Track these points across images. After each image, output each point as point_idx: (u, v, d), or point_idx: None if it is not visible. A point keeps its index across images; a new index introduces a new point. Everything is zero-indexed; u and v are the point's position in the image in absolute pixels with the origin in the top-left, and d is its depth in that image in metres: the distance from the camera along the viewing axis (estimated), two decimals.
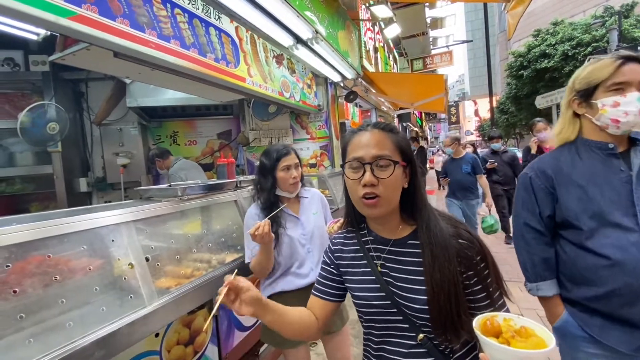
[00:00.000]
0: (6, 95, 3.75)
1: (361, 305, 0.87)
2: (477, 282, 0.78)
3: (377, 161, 0.78)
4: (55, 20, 1.34)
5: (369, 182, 0.77)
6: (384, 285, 0.83)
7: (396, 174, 0.79)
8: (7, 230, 0.95)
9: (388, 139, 0.81)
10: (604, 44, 13.24)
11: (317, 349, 2.49)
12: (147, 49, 1.76)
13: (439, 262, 0.76)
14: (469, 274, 0.78)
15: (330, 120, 4.40)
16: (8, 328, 0.89)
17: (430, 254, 0.77)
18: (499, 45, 49.12)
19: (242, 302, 0.77)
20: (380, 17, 4.80)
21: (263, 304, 0.81)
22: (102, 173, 4.37)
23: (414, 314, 0.78)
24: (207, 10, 2.28)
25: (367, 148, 0.80)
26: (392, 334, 0.83)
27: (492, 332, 0.63)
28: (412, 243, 0.83)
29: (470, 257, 0.78)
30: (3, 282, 0.91)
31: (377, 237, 0.88)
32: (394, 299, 0.81)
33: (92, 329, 1.02)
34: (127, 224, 1.30)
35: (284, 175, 1.56)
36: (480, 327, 0.64)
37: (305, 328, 0.90)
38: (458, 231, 0.81)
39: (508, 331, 0.62)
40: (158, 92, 4.09)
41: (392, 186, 0.79)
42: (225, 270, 1.67)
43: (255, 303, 0.78)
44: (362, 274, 0.88)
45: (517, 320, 0.65)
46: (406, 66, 12.63)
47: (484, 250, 0.81)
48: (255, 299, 0.78)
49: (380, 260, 0.85)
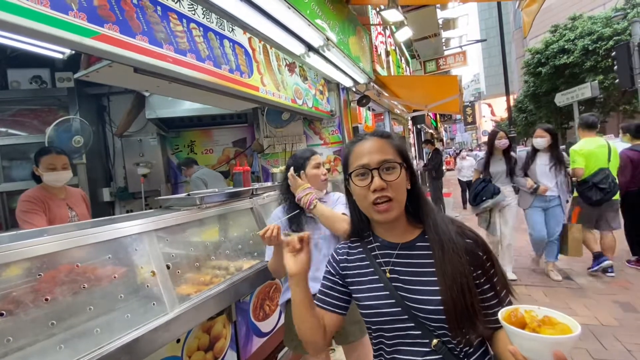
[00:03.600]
0: (35, 111, 3.96)
1: (370, 315, 0.85)
2: (486, 281, 0.79)
3: (383, 165, 0.81)
4: (80, 41, 1.41)
5: (379, 186, 0.79)
6: (393, 291, 0.82)
7: (402, 175, 0.81)
8: (39, 241, 1.01)
9: (388, 144, 0.84)
10: (627, 37, 12.74)
11: (334, 355, 2.48)
12: (165, 64, 1.83)
13: (449, 255, 0.76)
14: (478, 272, 0.79)
15: (343, 125, 4.41)
16: (41, 334, 0.94)
17: (441, 249, 0.78)
18: (515, 43, 48.02)
19: (298, 259, 0.87)
20: (391, 22, 4.80)
21: (305, 276, 0.88)
22: (124, 183, 4.52)
23: (428, 316, 0.77)
24: (221, 24, 2.35)
25: (370, 155, 0.82)
26: (404, 342, 0.82)
27: (518, 324, 0.63)
28: (420, 245, 0.83)
29: (477, 256, 0.79)
30: (36, 291, 0.97)
31: (384, 243, 0.88)
32: (405, 304, 0.80)
33: (118, 335, 1.06)
34: (149, 233, 1.35)
35: (316, 172, 1.61)
36: (505, 320, 0.65)
37: (318, 329, 0.90)
38: (463, 230, 0.83)
39: (533, 321, 0.63)
40: (175, 104, 4.22)
41: (400, 188, 0.81)
42: (243, 276, 1.69)
43: (303, 267, 0.87)
44: (369, 282, 0.87)
45: (537, 310, 0.66)
46: (419, 68, 12.52)
47: (488, 249, 0.82)
48: (306, 266, 0.87)
49: (389, 266, 0.85)
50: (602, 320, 2.70)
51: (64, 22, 1.34)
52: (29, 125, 3.91)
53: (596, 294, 3.16)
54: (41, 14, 1.26)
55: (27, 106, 3.92)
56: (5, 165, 3.76)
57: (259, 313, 2.09)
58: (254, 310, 2.04)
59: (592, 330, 2.56)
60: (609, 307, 2.89)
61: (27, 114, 3.92)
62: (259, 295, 2.10)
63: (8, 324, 0.89)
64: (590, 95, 8.13)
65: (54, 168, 2.19)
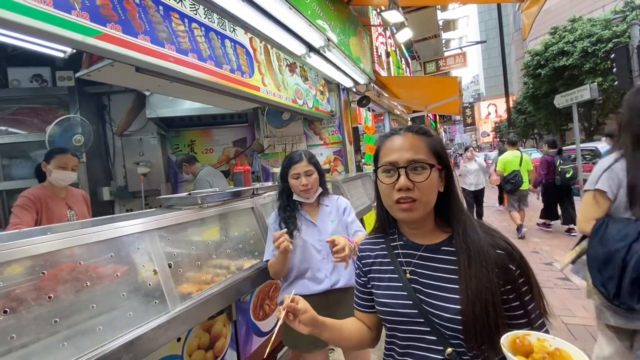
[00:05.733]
0: (35, 109, 3.95)
1: (385, 313, 0.84)
2: (516, 298, 0.73)
3: (411, 165, 0.76)
4: (83, 40, 1.42)
5: (404, 186, 0.75)
6: (412, 292, 0.79)
7: (432, 177, 0.76)
8: (42, 239, 1.01)
9: (422, 142, 0.79)
10: (626, 40, 12.79)
11: (334, 354, 2.49)
12: (166, 63, 1.83)
13: (476, 269, 0.71)
14: (507, 287, 0.72)
15: (343, 126, 4.42)
16: (44, 331, 0.94)
17: (467, 260, 0.73)
18: (514, 45, 48.13)
19: (301, 322, 0.82)
20: (391, 23, 4.81)
21: (320, 323, 0.85)
22: (124, 182, 4.53)
23: (444, 324, 0.74)
24: (223, 23, 2.36)
25: (400, 152, 0.78)
26: (417, 345, 0.79)
27: (522, 351, 0.59)
28: (446, 250, 0.79)
29: (509, 270, 0.73)
30: (39, 288, 0.97)
31: (408, 242, 0.85)
32: (422, 307, 0.77)
33: (120, 333, 1.07)
34: (151, 232, 1.35)
35: (294, 183, 1.63)
36: (510, 345, 0.60)
37: (361, 339, 0.91)
38: (496, 241, 0.76)
39: (539, 352, 0.58)
40: (176, 103, 4.23)
41: (428, 190, 0.76)
42: (244, 275, 1.70)
43: (312, 323, 0.83)
44: (388, 280, 0.85)
45: (552, 341, 0.60)
46: (419, 69, 12.55)
47: (524, 263, 0.75)
48: (312, 320, 0.83)
49: (410, 267, 0.82)
50: None
51: (66, 21, 1.35)
52: (29, 124, 3.91)
53: None
54: (44, 12, 1.27)
55: (28, 105, 3.92)
56: (5, 164, 3.76)
57: (259, 312, 2.09)
58: (254, 310, 2.05)
59: (590, 331, 2.58)
60: None
61: (28, 113, 3.92)
62: (259, 294, 2.11)
63: (12, 322, 0.90)
64: (590, 97, 8.15)
65: (65, 167, 2.23)
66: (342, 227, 1.70)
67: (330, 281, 1.60)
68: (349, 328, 0.91)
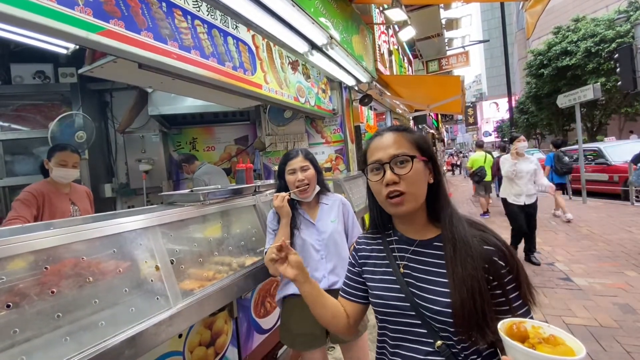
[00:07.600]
0: (37, 106, 3.96)
1: (378, 305, 0.87)
2: (502, 295, 0.75)
3: (394, 159, 0.80)
4: (86, 36, 1.42)
5: (390, 180, 0.79)
6: (404, 286, 0.82)
7: (416, 168, 0.80)
8: (45, 234, 1.02)
9: (403, 138, 0.84)
10: (630, 40, 12.72)
11: (334, 353, 2.49)
12: (169, 60, 1.83)
13: (461, 257, 0.75)
14: (494, 284, 0.75)
15: (345, 124, 4.41)
16: (47, 326, 0.95)
17: (453, 248, 0.77)
18: (517, 44, 47.91)
19: (289, 263, 0.91)
20: (394, 21, 4.79)
21: (305, 272, 0.92)
22: (126, 179, 4.53)
23: (434, 316, 0.77)
24: (225, 21, 2.35)
25: (384, 150, 0.83)
26: (407, 338, 0.82)
27: (518, 337, 0.61)
28: (437, 245, 0.82)
29: (496, 265, 0.76)
30: (42, 283, 0.97)
31: (402, 238, 0.88)
32: (414, 300, 0.80)
33: (122, 328, 1.07)
34: (153, 228, 1.35)
35: (290, 179, 1.63)
36: (506, 330, 0.63)
37: (336, 316, 0.93)
38: (485, 236, 0.80)
39: (535, 337, 0.61)
40: (178, 101, 4.23)
41: (415, 181, 0.80)
42: (245, 272, 1.70)
43: (299, 267, 0.91)
44: (382, 274, 0.88)
45: (546, 328, 0.63)
46: (421, 68, 12.51)
47: (514, 260, 0.77)
48: (300, 264, 0.91)
49: (404, 261, 0.85)
50: (601, 321, 2.71)
51: (70, 17, 1.35)
52: (32, 120, 3.92)
53: (595, 296, 3.17)
54: (48, 8, 1.27)
55: (30, 101, 3.93)
56: (7, 160, 3.77)
57: (260, 310, 2.10)
58: (255, 307, 2.05)
59: (591, 331, 2.58)
60: (608, 309, 2.90)
61: (30, 109, 3.93)
62: (260, 292, 2.11)
63: (14, 316, 0.90)
64: (593, 97, 8.11)
65: (65, 164, 2.23)
66: (342, 228, 1.70)
67: (328, 281, 1.59)
68: (330, 300, 0.95)
